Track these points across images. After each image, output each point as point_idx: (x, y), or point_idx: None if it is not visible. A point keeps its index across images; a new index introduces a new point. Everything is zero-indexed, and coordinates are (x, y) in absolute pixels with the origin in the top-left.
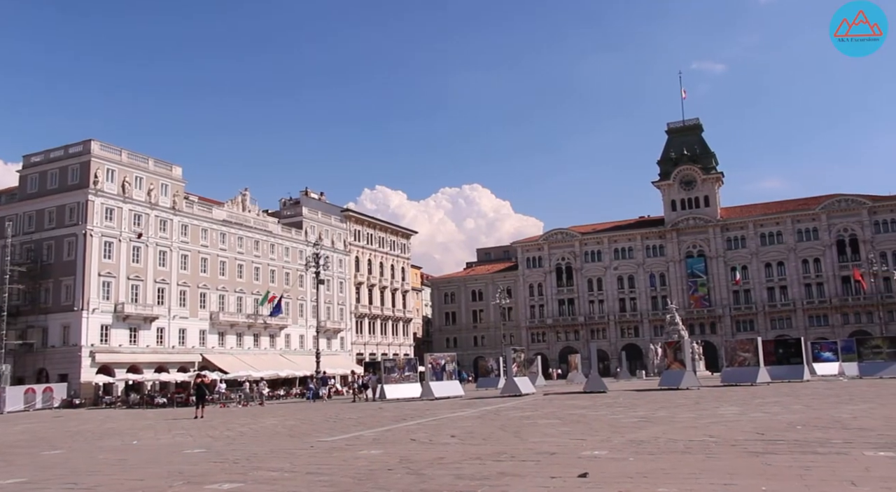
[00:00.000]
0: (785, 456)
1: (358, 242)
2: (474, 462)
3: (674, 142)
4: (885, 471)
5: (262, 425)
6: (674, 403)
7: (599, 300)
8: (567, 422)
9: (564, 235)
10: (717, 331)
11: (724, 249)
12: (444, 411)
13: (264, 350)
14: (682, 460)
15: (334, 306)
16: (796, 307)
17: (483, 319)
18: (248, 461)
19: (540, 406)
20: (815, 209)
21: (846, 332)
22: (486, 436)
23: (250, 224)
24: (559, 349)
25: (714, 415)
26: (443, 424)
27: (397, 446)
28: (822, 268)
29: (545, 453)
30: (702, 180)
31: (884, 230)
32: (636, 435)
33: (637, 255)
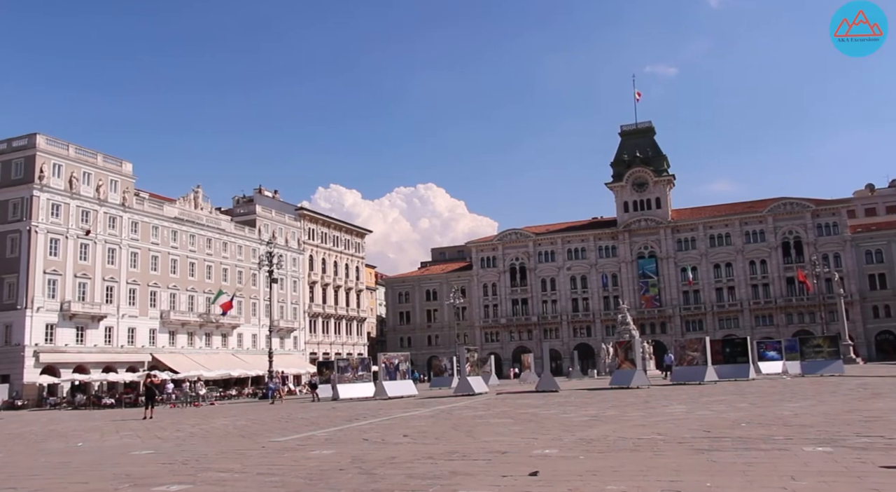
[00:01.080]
0: (729, 453)
1: (312, 241)
2: (426, 462)
3: (627, 144)
4: (823, 466)
5: (212, 425)
6: (624, 401)
7: (553, 300)
8: (519, 421)
9: (519, 236)
10: (668, 331)
11: (675, 250)
12: (397, 411)
13: (216, 350)
14: (630, 458)
15: (288, 306)
16: (743, 307)
17: (437, 318)
18: (198, 462)
19: (492, 405)
20: (762, 212)
21: (790, 331)
22: (438, 435)
23: (202, 222)
24: (513, 349)
25: (663, 413)
26: (395, 423)
27: (349, 445)
28: (769, 269)
29: (497, 452)
30: (654, 182)
31: (826, 233)
32: (586, 433)
33: (590, 255)
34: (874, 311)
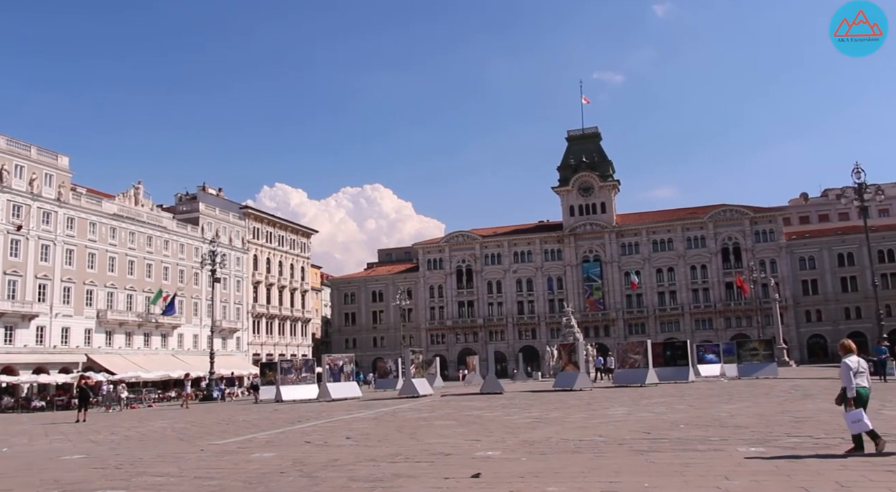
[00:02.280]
0: (667, 454)
1: (257, 240)
2: (368, 464)
3: (573, 149)
4: (756, 466)
5: (149, 428)
6: (567, 403)
7: (498, 303)
8: (463, 423)
9: (465, 238)
10: (611, 333)
11: (619, 254)
12: (340, 413)
13: (155, 350)
14: (572, 460)
15: (231, 306)
16: (684, 311)
17: (383, 320)
18: (133, 467)
19: (437, 407)
20: (703, 218)
21: (728, 335)
22: (381, 437)
23: (143, 219)
24: (458, 351)
25: (604, 415)
26: (338, 425)
27: (291, 448)
28: (709, 274)
29: (440, 454)
30: (599, 187)
31: (763, 240)
32: (529, 435)
33: (536, 258)
34: (806, 315)
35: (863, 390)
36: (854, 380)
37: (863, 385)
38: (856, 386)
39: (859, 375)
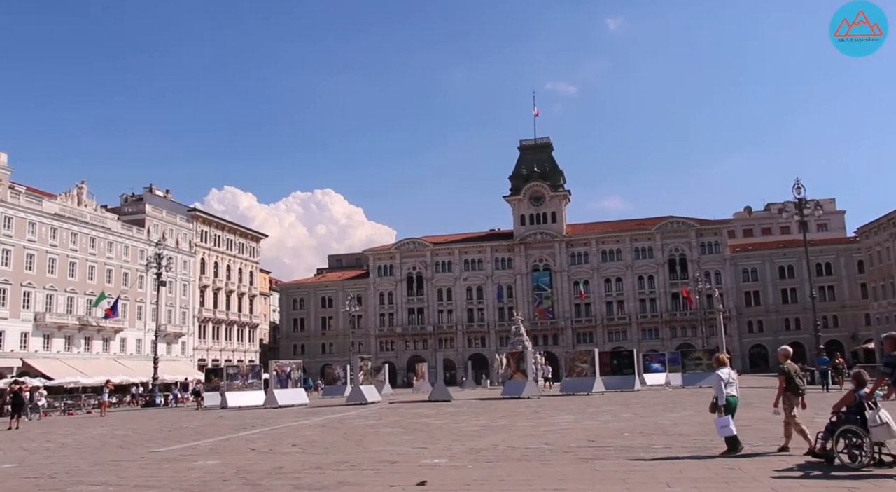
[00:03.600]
0: (612, 461)
1: (204, 244)
2: (314, 472)
3: (525, 158)
4: (696, 473)
5: (87, 435)
6: (514, 411)
7: (448, 310)
8: (410, 430)
9: (416, 245)
10: (560, 342)
11: (569, 263)
12: (287, 420)
13: (96, 355)
14: (518, 467)
15: (176, 310)
16: (631, 321)
17: (332, 326)
18: (68, 475)
19: (384, 415)
20: (650, 230)
21: (674, 344)
22: (328, 445)
23: (86, 220)
24: (408, 358)
25: (551, 423)
26: (284, 432)
27: (235, 456)
28: (656, 284)
29: (386, 462)
30: (550, 197)
31: (708, 251)
32: (476, 443)
33: (486, 266)
34: (749, 326)
35: (732, 399)
36: (725, 390)
37: (732, 394)
38: (726, 395)
39: (730, 385)
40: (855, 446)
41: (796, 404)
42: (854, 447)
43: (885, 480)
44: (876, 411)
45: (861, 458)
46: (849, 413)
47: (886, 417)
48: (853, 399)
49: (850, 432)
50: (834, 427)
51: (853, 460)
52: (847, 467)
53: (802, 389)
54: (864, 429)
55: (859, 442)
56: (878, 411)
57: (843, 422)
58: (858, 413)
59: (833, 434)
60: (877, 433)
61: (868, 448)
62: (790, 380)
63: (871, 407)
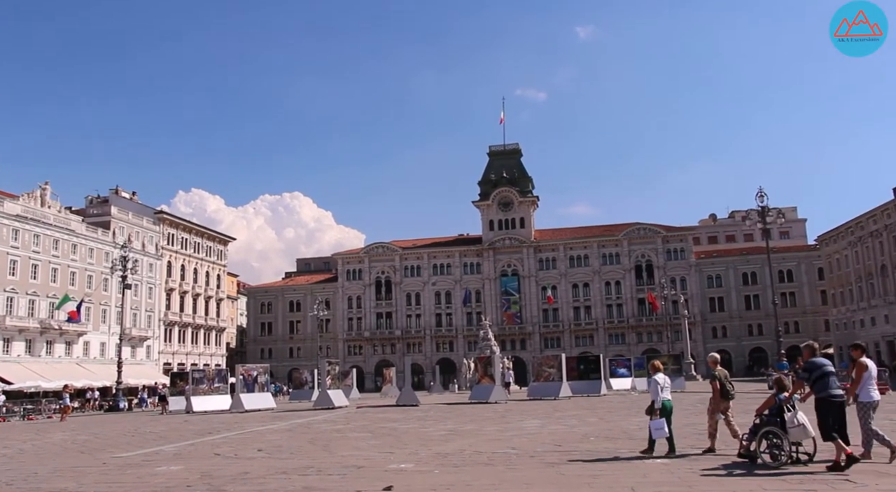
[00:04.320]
0: (577, 465)
1: (171, 247)
2: (279, 477)
3: (494, 164)
4: (660, 477)
5: (47, 440)
6: (482, 416)
7: (417, 315)
8: (377, 435)
9: (385, 249)
10: (527, 347)
11: (537, 269)
12: (253, 424)
13: (58, 359)
14: (484, 472)
15: (142, 313)
16: (598, 326)
17: (300, 330)
18: (26, 482)
19: (352, 419)
20: (618, 236)
21: (640, 350)
22: (294, 450)
23: (49, 221)
24: (376, 362)
25: (518, 428)
26: (250, 437)
27: (200, 461)
28: (622, 290)
29: (352, 467)
30: (518, 203)
31: (674, 258)
32: (443, 448)
33: (455, 271)
34: (713, 331)
35: (667, 403)
36: (661, 394)
37: (667, 398)
38: (662, 399)
39: (665, 389)
40: (775, 446)
41: (725, 408)
42: (774, 447)
43: (799, 475)
44: (794, 413)
45: (781, 457)
46: (770, 416)
47: (803, 419)
48: (774, 403)
49: (771, 434)
50: (757, 429)
51: (774, 460)
52: (768, 466)
53: (732, 393)
54: (784, 430)
55: (779, 442)
56: (795, 413)
57: (765, 424)
58: (779, 416)
59: (756, 436)
60: (794, 434)
61: (787, 448)
62: (722, 386)
63: (790, 410)
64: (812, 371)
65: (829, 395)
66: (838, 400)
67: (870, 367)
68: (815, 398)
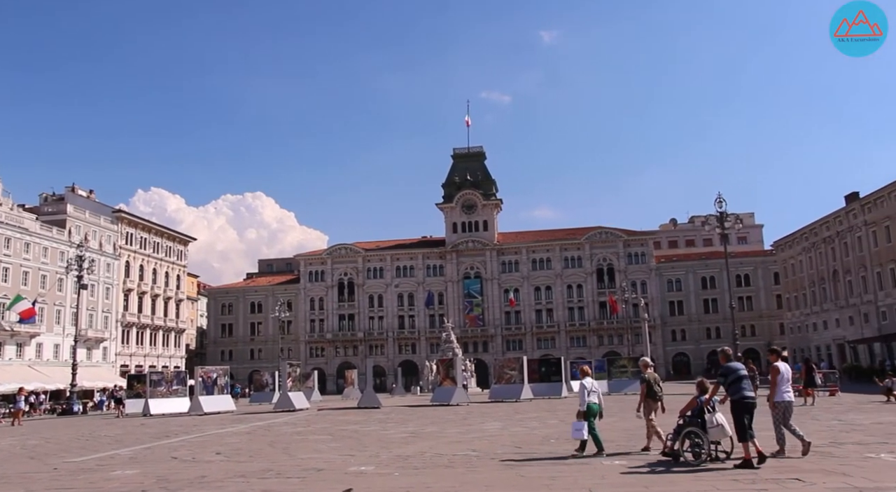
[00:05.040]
0: (537, 467)
1: (130, 246)
2: (238, 480)
3: (458, 167)
4: (618, 478)
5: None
6: (443, 418)
7: (380, 317)
8: (338, 437)
9: (348, 251)
10: (489, 349)
11: (500, 272)
12: (212, 427)
13: (9, 361)
14: (444, 474)
15: (98, 314)
16: (560, 329)
17: (261, 331)
18: None
19: (313, 422)
20: (580, 240)
21: (601, 352)
22: (253, 452)
23: (1, 219)
24: (338, 364)
25: (479, 430)
26: (209, 440)
27: (156, 465)
28: (584, 293)
29: (312, 470)
30: (482, 205)
31: (635, 262)
32: (404, 450)
33: (418, 273)
34: (672, 334)
35: (593, 406)
36: (587, 398)
37: (594, 402)
38: (587, 402)
39: (592, 393)
40: (696, 445)
41: (655, 408)
42: (696, 446)
43: (716, 471)
44: (713, 414)
45: (701, 455)
46: (692, 417)
47: (721, 419)
48: (696, 404)
49: (693, 433)
50: (680, 429)
51: (696, 458)
52: (690, 464)
53: (660, 395)
54: (704, 430)
55: (700, 441)
56: (714, 414)
57: (687, 424)
58: (699, 416)
59: (679, 435)
60: (713, 433)
61: (706, 447)
62: (650, 387)
63: (710, 411)
64: (728, 375)
65: (743, 397)
66: (750, 402)
67: (782, 370)
68: (730, 400)
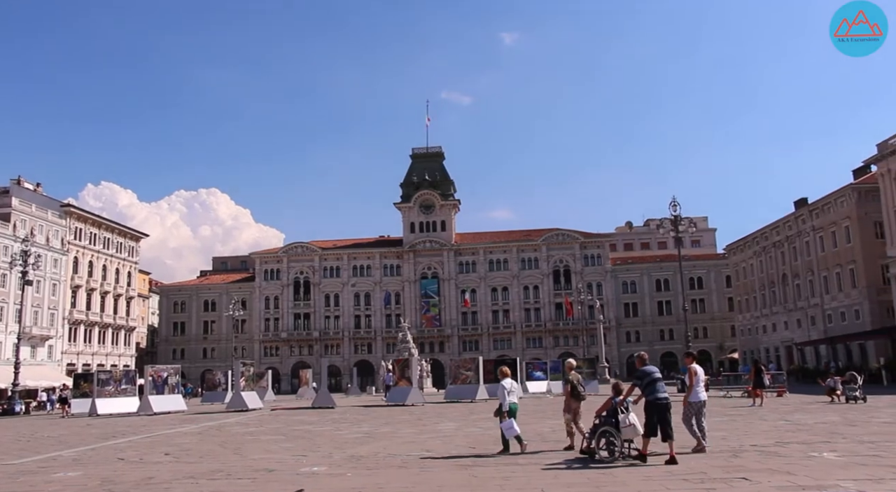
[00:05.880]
0: (490, 468)
1: (79, 242)
2: (186, 482)
3: (417, 166)
4: (571, 478)
5: None
6: (398, 419)
7: (336, 316)
8: (290, 438)
9: (305, 249)
10: (446, 350)
11: (457, 272)
12: (161, 427)
13: None
14: (397, 475)
15: (44, 311)
16: (516, 330)
17: (215, 330)
18: None
19: (265, 422)
20: (537, 241)
21: (556, 353)
22: (203, 453)
23: None
24: (292, 364)
25: (433, 430)
26: (158, 441)
27: (101, 466)
28: (540, 294)
29: (263, 470)
30: (440, 206)
31: (591, 263)
32: (357, 450)
33: (375, 273)
34: (627, 336)
35: (513, 406)
36: (507, 398)
37: (514, 401)
38: (508, 403)
39: (512, 393)
40: (611, 443)
41: (577, 408)
42: (610, 444)
43: (627, 468)
44: (626, 414)
45: (615, 453)
46: (607, 416)
47: (633, 419)
48: (610, 405)
49: (607, 432)
50: (596, 429)
51: (610, 455)
52: (604, 461)
53: (583, 395)
54: (618, 429)
55: (614, 440)
56: (628, 414)
57: (603, 424)
58: (614, 416)
59: (595, 434)
60: (626, 432)
61: (619, 445)
62: (573, 388)
63: (623, 411)
64: (643, 378)
65: (656, 398)
66: (663, 402)
67: (698, 372)
68: (644, 401)
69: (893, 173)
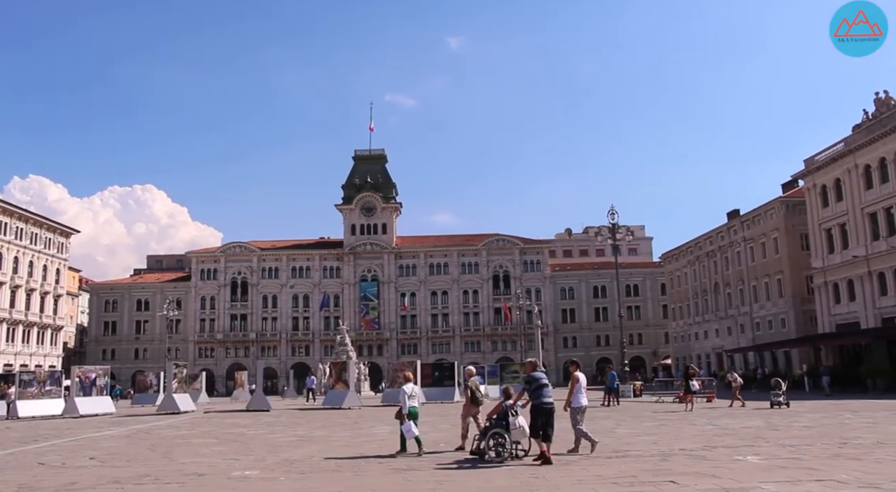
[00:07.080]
0: (425, 472)
1: (3, 236)
2: (111, 487)
3: (359, 168)
4: (504, 481)
5: None
6: (334, 422)
7: (273, 317)
8: (223, 441)
9: (243, 249)
10: (384, 353)
11: (397, 275)
12: (87, 430)
13: None
14: (331, 478)
15: None
16: (455, 334)
17: (148, 330)
18: None
19: (197, 424)
20: (477, 246)
21: (494, 358)
22: (131, 457)
23: None
24: (228, 365)
25: (369, 434)
26: (83, 444)
27: (19, 471)
28: (480, 299)
29: (193, 475)
30: (381, 208)
31: (530, 269)
32: (291, 454)
33: (314, 275)
34: (564, 341)
35: (413, 409)
36: (408, 402)
37: (414, 405)
38: (409, 406)
39: (412, 398)
40: (500, 444)
41: (475, 413)
42: (500, 446)
43: (515, 467)
44: (516, 417)
45: (504, 453)
46: (498, 419)
47: (522, 422)
48: (501, 408)
49: (497, 434)
50: (486, 430)
51: (498, 455)
52: (493, 461)
53: (481, 400)
54: (507, 431)
55: (503, 441)
56: (517, 417)
57: (493, 426)
58: (504, 419)
59: (485, 436)
60: (515, 434)
61: (509, 446)
62: (472, 394)
63: (513, 414)
64: (532, 383)
65: (542, 402)
66: (548, 407)
67: (581, 380)
68: (531, 405)
69: (819, 188)
